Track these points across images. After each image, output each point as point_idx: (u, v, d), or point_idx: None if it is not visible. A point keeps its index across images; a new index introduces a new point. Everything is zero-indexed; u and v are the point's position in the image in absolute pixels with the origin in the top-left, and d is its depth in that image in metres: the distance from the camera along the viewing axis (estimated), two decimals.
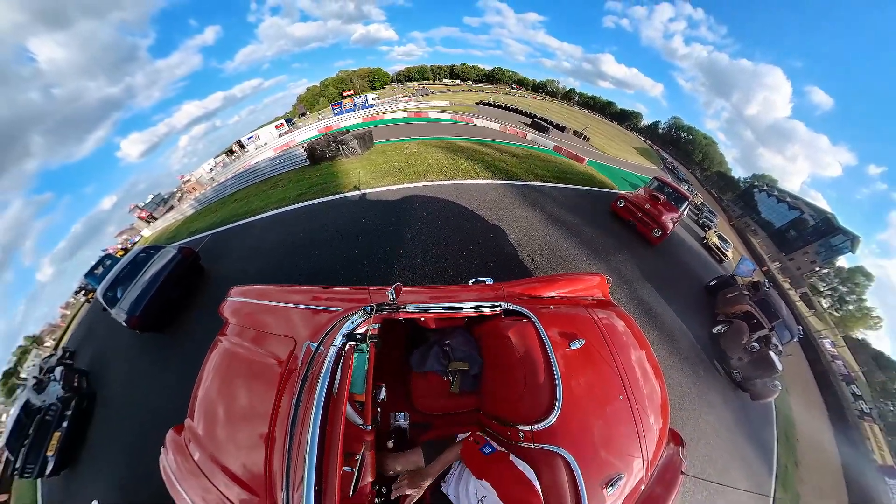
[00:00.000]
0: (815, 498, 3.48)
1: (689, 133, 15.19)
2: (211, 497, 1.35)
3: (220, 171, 11.89)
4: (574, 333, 1.50)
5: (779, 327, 3.76)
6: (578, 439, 1.25)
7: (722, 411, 3.19)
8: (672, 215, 4.78)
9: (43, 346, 7.47)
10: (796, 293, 6.96)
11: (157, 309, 3.52)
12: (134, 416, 3.29)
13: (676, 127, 15.86)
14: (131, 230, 9.88)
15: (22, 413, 3.49)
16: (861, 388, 6.37)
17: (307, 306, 1.69)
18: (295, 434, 1.17)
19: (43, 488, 3.61)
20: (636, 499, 1.28)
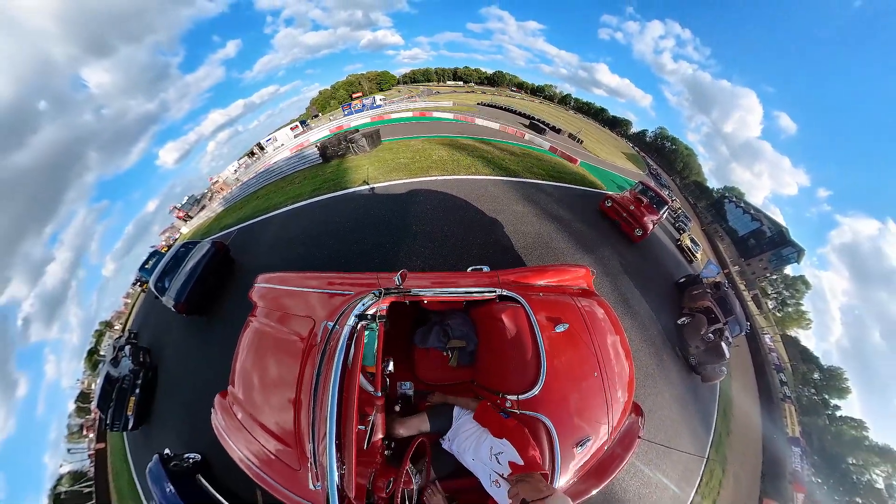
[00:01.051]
0: (737, 459, 3.81)
1: (672, 143, 14.71)
2: (253, 448, 1.51)
3: (244, 171, 11.80)
4: (559, 318, 1.56)
5: (731, 322, 3.98)
6: (557, 408, 1.34)
7: (677, 389, 3.41)
8: (653, 217, 4.85)
9: (113, 329, 7.90)
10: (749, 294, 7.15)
11: (198, 296, 3.74)
12: (188, 383, 3.61)
13: (662, 136, 15.31)
14: (172, 228, 10.03)
15: (105, 382, 3.95)
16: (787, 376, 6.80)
17: (323, 290, 1.74)
18: (317, 399, 1.25)
19: (128, 439, 4.22)
20: (599, 457, 1.40)
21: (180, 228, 9.44)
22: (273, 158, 10.95)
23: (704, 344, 3.63)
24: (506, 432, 1.13)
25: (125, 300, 7.86)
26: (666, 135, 14.29)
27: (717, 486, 3.34)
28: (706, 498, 3.14)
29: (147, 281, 4.38)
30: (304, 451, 1.32)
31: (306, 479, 1.26)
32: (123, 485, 4.26)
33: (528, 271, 1.93)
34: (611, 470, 1.48)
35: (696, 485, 3.07)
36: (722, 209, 10.08)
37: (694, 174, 12.55)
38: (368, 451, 1.20)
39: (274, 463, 1.45)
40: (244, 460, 1.54)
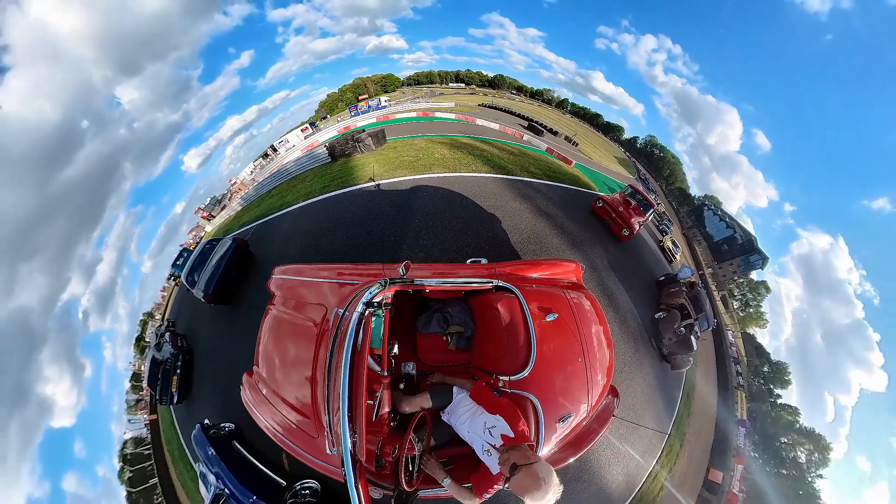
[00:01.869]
0: (693, 436, 4.13)
1: (661, 151, 14.06)
2: (278, 418, 1.61)
3: (259, 172, 11.69)
4: (550, 308, 1.58)
5: (701, 319, 4.18)
6: (544, 388, 1.40)
7: (648, 375, 3.59)
8: (639, 219, 4.88)
9: (154, 318, 8.26)
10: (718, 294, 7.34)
11: (223, 287, 3.88)
12: (219, 363, 3.86)
13: (651, 144, 14.65)
14: (197, 227, 10.10)
15: (152, 365, 4.31)
16: (742, 368, 7.23)
17: (334, 280, 1.77)
18: (331, 377, 1.32)
19: (174, 411, 4.67)
20: (578, 431, 1.50)
21: (205, 227, 9.55)
22: (285, 159, 10.82)
23: (676, 337, 3.80)
24: (499, 409, 1.19)
25: (162, 293, 8.17)
26: (655, 143, 13.84)
27: (674, 457, 3.61)
28: (664, 467, 3.40)
29: (179, 276, 4.46)
30: (320, 422, 1.40)
31: (324, 445, 1.36)
32: (174, 448, 4.76)
33: (523, 264, 1.95)
34: (587, 442, 1.57)
35: (657, 456, 3.33)
36: (701, 215, 10.03)
37: (678, 181, 12.20)
38: (377, 423, 1.26)
39: (295, 431, 1.55)
40: (270, 429, 1.66)
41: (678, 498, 3.47)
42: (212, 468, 2.74)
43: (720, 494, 3.75)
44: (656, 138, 16.71)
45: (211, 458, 2.79)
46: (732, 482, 3.94)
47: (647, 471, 3.20)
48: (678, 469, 3.65)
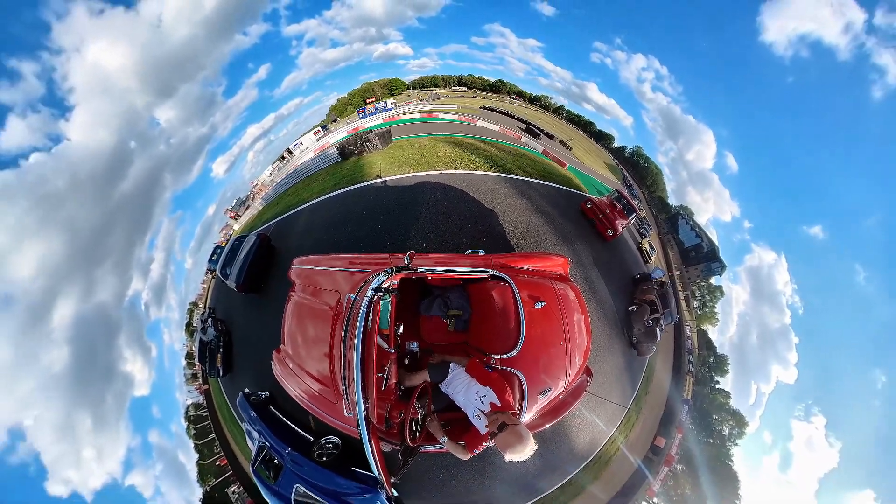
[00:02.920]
0: (647, 410, 4.48)
1: (646, 161, 13.22)
2: (303, 388, 1.72)
3: (277, 173, 11.52)
4: (538, 297, 1.61)
5: (667, 314, 4.44)
6: (529, 366, 1.47)
7: (618, 359, 3.83)
8: (623, 221, 4.97)
9: (198, 307, 8.70)
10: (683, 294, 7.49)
11: (251, 277, 4.06)
12: (253, 343, 4.11)
13: (638, 154, 13.78)
14: (227, 227, 10.21)
15: (200, 346, 4.67)
16: (693, 358, 7.66)
17: (346, 269, 1.81)
18: (346, 353, 1.39)
19: (221, 383, 5.04)
20: (555, 402, 1.61)
21: (233, 226, 9.66)
22: (300, 160, 10.63)
23: (645, 328, 4.04)
24: (489, 382, 1.26)
25: (202, 285, 8.53)
26: (641, 153, 13.10)
27: (630, 426, 4.00)
28: (622, 433, 3.78)
29: (215, 270, 4.80)
30: (339, 390, 1.48)
31: (342, 409, 1.45)
32: (225, 411, 5.26)
33: (517, 256, 1.95)
34: (562, 412, 1.70)
35: (617, 425, 3.69)
36: (676, 223, 9.83)
37: (659, 190, 11.68)
38: (385, 391, 1.34)
39: (318, 398, 1.65)
40: (298, 397, 1.77)
41: (629, 457, 3.86)
42: (254, 427, 3.00)
43: (661, 456, 4.27)
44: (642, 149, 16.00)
45: (253, 419, 3.06)
46: (672, 447, 4.46)
47: (608, 436, 3.55)
48: (632, 436, 4.02)
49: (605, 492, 3.67)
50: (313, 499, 2.41)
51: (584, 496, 3.47)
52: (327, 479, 2.44)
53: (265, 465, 2.77)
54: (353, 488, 2.34)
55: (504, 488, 2.99)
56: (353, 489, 2.34)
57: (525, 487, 3.15)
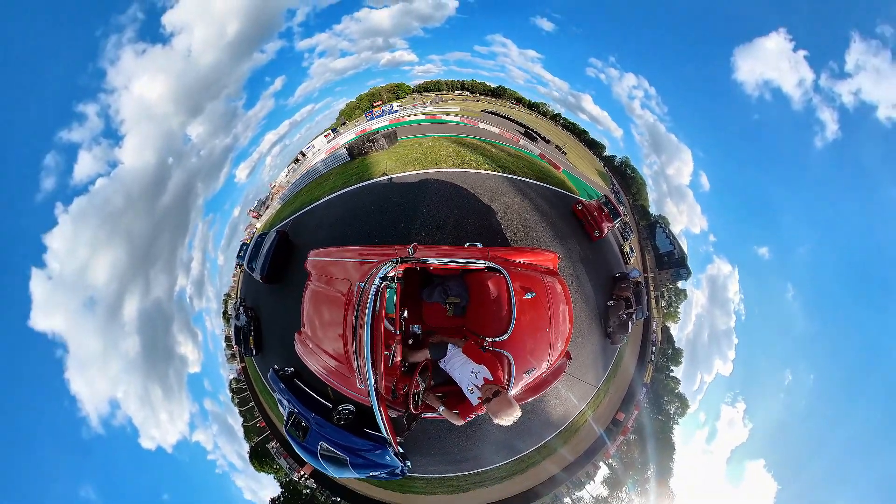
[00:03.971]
0: (613, 390, 4.82)
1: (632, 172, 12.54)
2: (322, 364, 1.81)
3: (292, 174, 11.34)
4: (529, 288, 1.62)
5: (639, 310, 4.61)
6: (517, 348, 1.52)
7: (595, 346, 4.03)
8: (609, 224, 4.98)
9: (231, 297, 9.07)
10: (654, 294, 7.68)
11: (273, 270, 4.20)
12: (278, 326, 4.30)
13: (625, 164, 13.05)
14: (250, 225, 10.32)
15: (235, 331, 4.96)
16: (656, 349, 8.04)
17: (356, 260, 1.83)
18: (357, 334, 1.42)
19: (255, 361, 5.27)
20: (537, 381, 1.69)
21: (255, 224, 9.76)
22: (312, 161, 10.38)
23: (619, 321, 4.24)
24: (483, 361, 1.33)
25: (233, 278, 8.85)
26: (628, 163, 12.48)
27: (598, 403, 4.30)
28: (590, 408, 4.09)
29: (242, 264, 4.93)
30: (352, 366, 1.54)
31: (355, 382, 1.52)
32: (260, 384, 5.59)
33: (512, 250, 1.99)
34: (543, 388, 1.80)
35: (587, 401, 3.96)
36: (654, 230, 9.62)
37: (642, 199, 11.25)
38: (392, 367, 1.43)
39: (335, 372, 1.74)
40: (318, 371, 1.87)
41: (594, 427, 4.25)
42: (284, 396, 3.25)
43: (619, 427, 4.78)
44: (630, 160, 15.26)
45: (282, 390, 3.29)
46: (629, 420, 4.98)
47: (579, 410, 3.83)
48: (599, 410, 4.37)
49: (572, 454, 4.10)
50: (335, 453, 2.67)
51: (555, 456, 3.86)
52: (345, 439, 2.69)
53: (295, 427, 3.04)
54: (366, 446, 2.58)
55: (490, 448, 3.30)
56: (367, 446, 2.57)
57: (507, 448, 3.46)
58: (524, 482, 3.89)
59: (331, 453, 2.69)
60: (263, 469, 7.28)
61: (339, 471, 2.75)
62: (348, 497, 5.24)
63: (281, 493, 7.15)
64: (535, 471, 3.87)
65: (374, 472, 2.60)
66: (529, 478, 3.89)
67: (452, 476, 3.61)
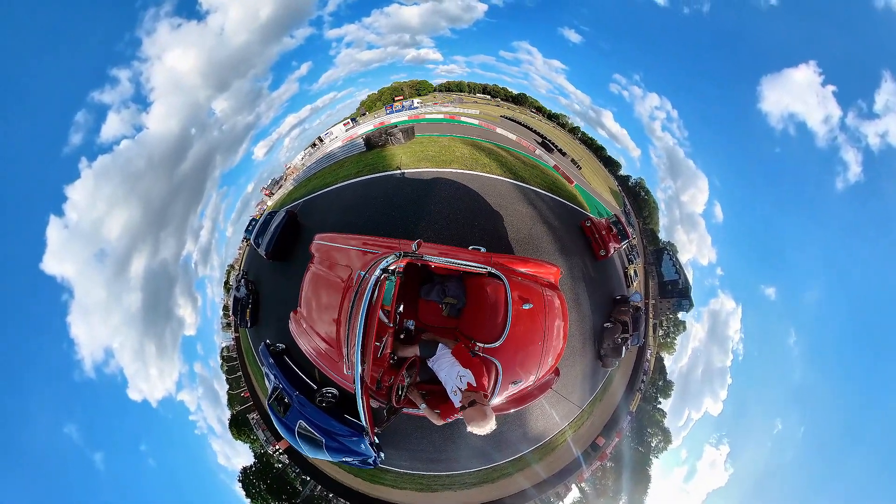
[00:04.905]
0: (597, 414, 4.73)
1: (646, 194, 12.26)
2: (312, 345, 1.83)
3: (308, 158, 11.63)
4: (528, 299, 1.61)
5: (635, 336, 4.54)
6: (507, 358, 1.50)
7: (585, 366, 3.95)
8: (616, 245, 4.87)
9: (234, 269, 9.38)
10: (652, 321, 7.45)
11: (279, 248, 4.27)
12: (276, 302, 4.36)
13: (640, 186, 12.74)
14: (262, 202, 10.66)
15: (234, 301, 5.04)
16: (647, 378, 7.83)
17: (360, 248, 1.85)
18: (351, 321, 1.43)
19: (249, 333, 5.36)
20: (522, 393, 1.67)
21: (267, 202, 10.08)
22: (329, 148, 10.59)
23: (613, 344, 4.18)
24: (470, 365, 1.32)
25: (239, 251, 9.12)
26: (643, 185, 12.23)
27: (580, 424, 4.23)
28: (572, 428, 4.01)
29: (249, 239, 5.04)
30: (341, 351, 1.56)
31: (343, 367, 1.53)
32: (250, 356, 5.74)
33: (515, 259, 1.95)
34: (527, 401, 1.77)
35: (570, 420, 3.87)
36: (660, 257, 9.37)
37: (653, 223, 10.97)
38: (381, 358, 1.42)
39: (324, 355, 1.76)
40: (308, 352, 1.89)
41: (572, 448, 4.15)
42: (271, 371, 3.32)
43: (598, 451, 4.65)
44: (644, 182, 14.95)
45: (270, 365, 3.36)
46: (609, 447, 4.86)
47: (560, 429, 3.75)
48: (580, 431, 4.29)
49: (546, 471, 4.02)
50: (312, 433, 2.70)
51: (529, 471, 3.80)
52: (324, 421, 2.71)
53: (277, 402, 3.09)
54: (344, 431, 2.59)
55: (465, 452, 3.29)
56: (345, 432, 2.58)
57: (482, 455, 3.45)
58: (493, 492, 3.84)
59: (308, 433, 2.71)
60: (240, 437, 7.48)
61: (313, 451, 2.75)
62: (318, 478, 5.24)
63: (254, 463, 7.31)
64: (506, 482, 3.82)
65: (347, 458, 2.59)
66: (499, 488, 3.85)
67: (423, 474, 3.59)
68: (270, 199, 9.70)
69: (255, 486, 7.24)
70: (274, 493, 6.86)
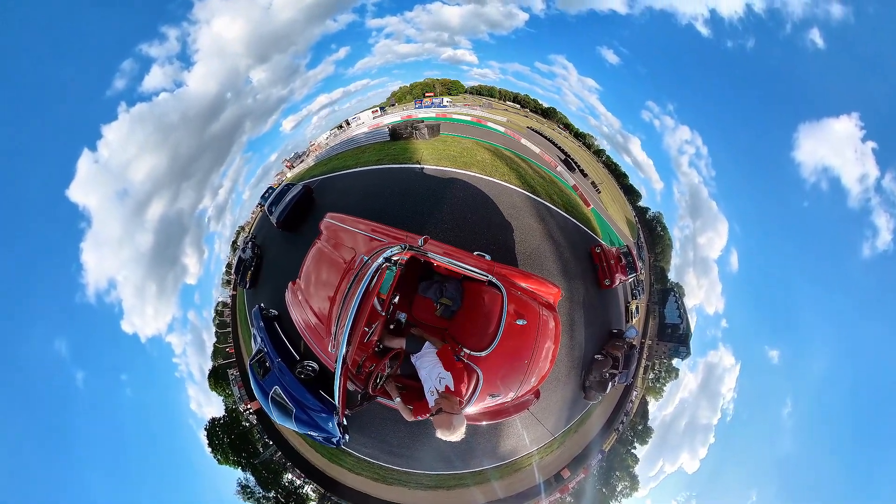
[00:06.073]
0: (569, 444, 4.57)
1: (662, 230, 11.53)
2: (304, 317, 1.86)
3: (332, 139, 11.98)
4: (522, 315, 1.58)
5: (624, 374, 4.42)
6: (490, 370, 1.48)
7: (567, 394, 3.85)
8: (622, 276, 4.75)
9: (244, 231, 9.82)
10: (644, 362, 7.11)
11: (290, 219, 4.42)
12: (277, 270, 4.52)
13: (657, 220, 12.03)
14: (281, 173, 11.10)
15: (238, 261, 5.25)
16: (627, 420, 7.50)
17: (367, 234, 1.87)
18: (345, 302, 1.46)
19: (246, 293, 5.56)
20: (498, 408, 1.65)
21: (286, 174, 10.47)
22: (354, 132, 10.84)
23: (601, 377, 4.07)
24: (452, 369, 1.31)
25: (251, 215, 9.51)
26: (661, 220, 11.59)
27: (548, 451, 4.09)
28: (540, 454, 3.89)
29: (264, 205, 5.21)
30: (330, 329, 1.58)
31: (328, 345, 1.56)
32: (242, 315, 5.91)
33: (517, 272, 1.90)
34: (501, 417, 1.75)
35: (539, 446, 3.77)
36: (666, 298, 8.89)
37: (664, 261, 10.38)
38: (366, 344, 1.45)
39: (313, 330, 1.78)
40: (298, 323, 1.93)
41: (536, 474, 4.03)
42: (259, 334, 3.42)
43: (560, 483, 4.55)
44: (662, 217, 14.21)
45: (260, 328, 3.47)
46: (573, 481, 4.74)
47: (528, 452, 3.66)
48: (547, 459, 4.17)
49: (504, 491, 3.94)
50: (285, 401, 2.77)
51: (486, 487, 3.74)
52: (299, 392, 2.77)
53: (259, 364, 3.19)
54: (315, 405, 2.65)
55: (428, 454, 3.26)
56: (316, 406, 2.65)
57: (445, 460, 3.42)
58: (445, 499, 3.80)
59: (281, 400, 2.77)
60: (216, 389, 7.62)
61: (282, 418, 2.82)
62: (280, 444, 5.33)
63: (223, 416, 7.49)
64: (460, 493, 3.77)
65: (313, 433, 2.65)
66: (452, 497, 3.79)
67: (382, 465, 3.58)
68: (290, 172, 10.05)
69: (219, 438, 7.41)
70: (235, 449, 7.04)
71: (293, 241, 4.43)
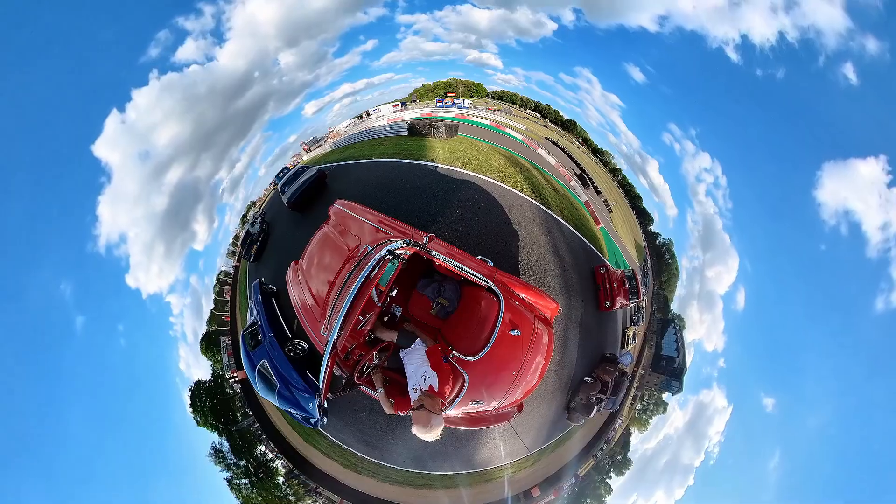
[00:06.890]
0: (544, 463, 4.45)
1: (671, 258, 10.74)
2: (301, 298, 1.91)
3: (351, 127, 12.20)
4: (517, 326, 1.57)
5: (611, 400, 4.32)
6: (477, 376, 1.48)
7: (550, 412, 3.78)
8: (623, 300, 4.62)
9: (255, 206, 10.17)
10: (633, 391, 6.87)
11: (301, 200, 4.52)
12: (281, 248, 4.64)
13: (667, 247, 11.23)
14: (297, 155, 11.40)
15: (246, 234, 5.41)
16: (606, 447, 7.26)
17: (374, 225, 1.90)
18: (343, 288, 1.49)
19: (248, 266, 5.68)
20: (479, 415, 1.65)
21: (303, 156, 10.75)
22: (374, 124, 11.01)
23: (587, 400, 3.99)
24: (439, 370, 1.31)
25: (264, 192, 9.79)
26: (670, 248, 10.93)
27: (522, 467, 4.02)
28: (513, 468, 3.84)
29: (277, 184, 5.40)
30: (325, 312, 1.61)
31: (321, 327, 1.60)
32: (243, 287, 6.11)
33: (518, 282, 1.88)
34: (480, 424, 1.75)
35: (514, 460, 3.72)
36: (665, 328, 8.45)
37: (669, 290, 9.78)
38: (359, 332, 1.46)
39: (308, 311, 1.82)
40: (295, 302, 1.98)
41: (505, 487, 4.00)
42: (256, 307, 3.53)
43: (528, 501, 4.48)
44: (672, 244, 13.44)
45: (257, 302, 3.58)
46: (541, 500, 4.64)
47: (502, 464, 3.63)
48: (519, 474, 4.11)
49: (470, 499, 3.91)
50: (270, 375, 2.84)
51: (454, 492, 3.72)
52: (286, 369, 2.83)
53: (251, 336, 3.29)
54: (300, 384, 2.71)
55: (403, 449, 3.27)
56: (300, 385, 2.70)
57: (417, 459, 3.40)
58: (411, 498, 3.78)
59: (267, 373, 2.84)
60: (206, 354, 7.89)
61: (265, 391, 2.89)
62: (259, 416, 5.45)
63: (209, 380, 7.65)
64: (427, 493, 3.75)
65: (293, 411, 2.70)
66: (419, 497, 3.77)
67: (355, 453, 3.60)
68: (307, 155, 10.34)
69: (202, 400, 7.58)
70: (215, 413, 7.18)
71: (301, 222, 4.52)
